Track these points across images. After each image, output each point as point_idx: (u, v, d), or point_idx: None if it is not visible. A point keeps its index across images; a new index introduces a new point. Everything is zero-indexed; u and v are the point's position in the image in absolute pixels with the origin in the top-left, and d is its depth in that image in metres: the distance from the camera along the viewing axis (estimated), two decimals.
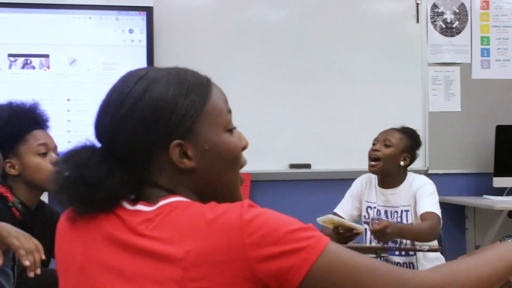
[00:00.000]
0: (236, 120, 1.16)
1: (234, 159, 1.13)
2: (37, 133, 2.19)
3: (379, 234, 2.75)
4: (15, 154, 2.17)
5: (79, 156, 1.08)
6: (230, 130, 1.14)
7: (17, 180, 2.19)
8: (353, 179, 3.33)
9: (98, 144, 1.12)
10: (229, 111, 1.16)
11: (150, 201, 1.07)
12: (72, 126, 3.97)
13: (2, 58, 3.94)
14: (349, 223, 2.92)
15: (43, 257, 1.70)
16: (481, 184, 4.62)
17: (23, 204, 2.18)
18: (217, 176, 1.11)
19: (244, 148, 1.16)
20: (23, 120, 2.11)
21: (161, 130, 1.07)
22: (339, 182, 3.73)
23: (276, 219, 1.00)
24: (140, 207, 1.07)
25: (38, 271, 1.67)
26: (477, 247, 4.34)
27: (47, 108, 2.34)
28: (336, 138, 4.41)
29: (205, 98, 1.11)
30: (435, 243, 2.98)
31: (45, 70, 3.98)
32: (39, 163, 2.18)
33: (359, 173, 3.35)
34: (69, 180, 1.06)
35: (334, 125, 4.42)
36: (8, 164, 2.16)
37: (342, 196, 3.30)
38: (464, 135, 4.63)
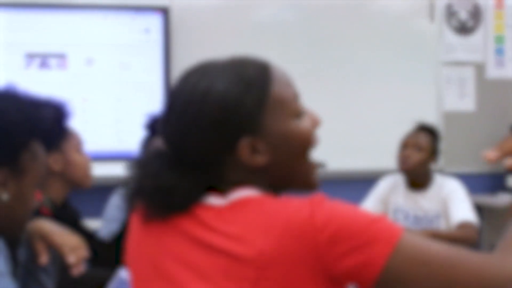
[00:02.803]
0: None
1: (306, 145, 1.10)
2: (74, 130, 2.23)
3: None
4: (60, 150, 2.19)
5: (152, 166, 1.09)
6: (299, 115, 1.11)
7: (53, 177, 2.21)
8: (366, 179, 3.32)
9: (167, 150, 1.12)
10: (295, 96, 1.12)
11: (222, 192, 1.07)
12: (88, 126, 3.98)
13: (19, 58, 3.96)
14: None
15: (87, 254, 1.69)
16: (495, 183, 4.62)
17: (51, 201, 2.20)
18: (291, 166, 1.09)
19: (315, 127, 1.12)
20: (67, 118, 2.13)
21: (228, 131, 1.05)
22: (352, 182, 3.74)
23: (347, 213, 0.98)
24: (212, 200, 1.06)
25: (82, 268, 1.66)
26: (491, 247, 4.34)
27: None
28: (349, 138, 4.41)
29: (267, 89, 1.08)
30: None
31: (62, 70, 4.00)
32: (81, 160, 2.22)
33: (373, 173, 3.35)
34: (144, 190, 1.08)
35: (348, 124, 4.42)
36: (52, 160, 2.18)
37: (353, 196, 3.28)
38: (478, 134, 4.63)
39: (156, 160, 1.11)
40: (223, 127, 1.05)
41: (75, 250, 1.65)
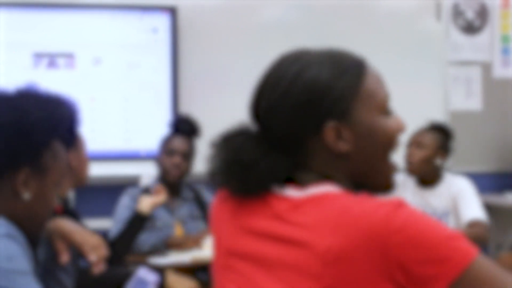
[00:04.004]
0: None
1: (389, 143, 1.11)
2: None
3: None
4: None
5: (235, 140, 1.10)
6: (387, 113, 1.12)
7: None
8: None
9: (253, 128, 1.13)
10: (386, 95, 1.13)
11: (301, 184, 1.06)
12: (96, 126, 3.98)
13: (27, 58, 3.96)
14: None
15: (107, 253, 1.69)
16: (502, 182, 4.62)
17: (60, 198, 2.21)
18: (371, 160, 1.09)
19: (400, 131, 1.13)
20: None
21: (316, 112, 1.06)
22: None
23: (425, 224, 0.97)
24: (289, 192, 1.06)
25: (102, 267, 1.67)
26: (498, 246, 4.35)
27: None
28: None
29: (360, 79, 1.09)
30: None
31: (70, 69, 4.00)
32: (87, 159, 2.24)
33: None
34: (226, 162, 1.08)
35: None
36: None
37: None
38: (485, 133, 4.63)
39: (239, 135, 1.11)
40: (312, 107, 1.06)
41: (95, 249, 1.66)
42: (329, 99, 1.06)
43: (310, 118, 1.06)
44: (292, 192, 1.06)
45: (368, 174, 1.10)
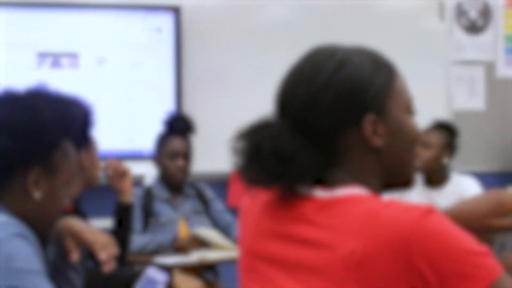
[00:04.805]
0: None
1: (415, 140, 1.12)
2: None
3: None
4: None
5: (270, 129, 1.05)
6: (411, 113, 1.13)
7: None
8: None
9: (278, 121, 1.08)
10: (411, 97, 1.15)
11: (329, 184, 1.04)
12: (100, 125, 3.97)
13: (31, 57, 3.96)
14: None
15: (117, 251, 1.70)
16: (505, 182, 4.61)
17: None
18: (401, 157, 1.10)
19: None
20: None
21: (357, 105, 1.06)
22: None
23: (453, 234, 0.95)
24: (316, 192, 1.04)
25: (113, 265, 1.67)
26: (502, 246, 4.35)
27: None
28: None
29: (393, 77, 1.11)
30: None
31: (74, 69, 4.00)
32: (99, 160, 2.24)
33: None
34: (262, 152, 1.02)
35: None
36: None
37: None
38: (488, 133, 4.63)
39: (272, 124, 1.06)
40: (353, 100, 1.06)
41: (106, 248, 1.66)
42: (369, 94, 1.07)
43: (351, 111, 1.06)
44: (318, 192, 1.04)
45: (396, 170, 1.10)
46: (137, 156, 3.99)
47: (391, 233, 0.94)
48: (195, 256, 3.01)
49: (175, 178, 3.36)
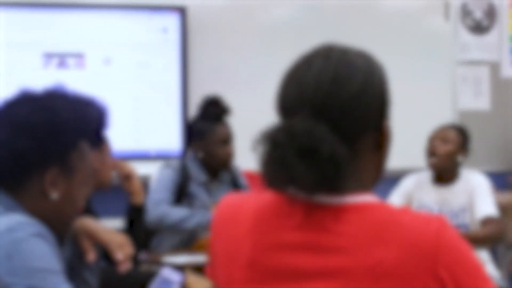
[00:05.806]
0: (270, 119, 1.08)
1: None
2: None
3: None
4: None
5: (304, 124, 0.99)
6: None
7: None
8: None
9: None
10: None
11: (338, 190, 0.99)
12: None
13: (37, 58, 3.96)
14: None
15: (132, 251, 1.70)
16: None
17: None
18: (385, 157, 1.11)
19: None
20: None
21: (382, 111, 1.08)
22: None
23: (466, 248, 1.00)
24: (325, 198, 1.00)
25: (128, 265, 1.67)
26: (508, 246, 4.35)
27: None
28: None
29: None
30: None
31: (80, 69, 4.00)
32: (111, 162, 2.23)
33: (387, 172, 3.34)
34: (318, 156, 0.97)
35: None
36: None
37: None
38: (493, 133, 4.64)
39: (317, 127, 0.99)
40: (382, 106, 1.08)
41: (121, 247, 1.66)
42: (386, 99, 1.10)
43: (380, 110, 1.08)
44: (328, 199, 1.01)
45: (382, 168, 1.12)
46: (143, 156, 4.00)
47: (417, 241, 0.96)
48: (206, 256, 3.00)
49: (225, 165, 3.28)
